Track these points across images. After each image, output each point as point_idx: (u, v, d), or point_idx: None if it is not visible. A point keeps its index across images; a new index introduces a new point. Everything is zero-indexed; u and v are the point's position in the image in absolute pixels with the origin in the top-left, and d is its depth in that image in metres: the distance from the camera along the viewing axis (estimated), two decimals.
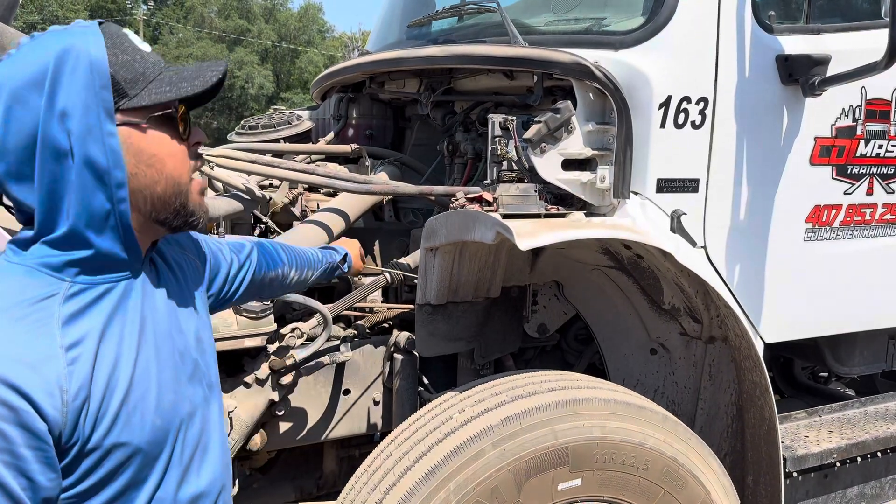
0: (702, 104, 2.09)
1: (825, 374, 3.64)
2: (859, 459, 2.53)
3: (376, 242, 2.79)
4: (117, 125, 1.03)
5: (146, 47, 1.10)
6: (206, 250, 1.44)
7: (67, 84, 0.99)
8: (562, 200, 2.09)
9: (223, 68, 1.13)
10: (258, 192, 2.43)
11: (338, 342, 2.31)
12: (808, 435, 2.52)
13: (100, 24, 1.06)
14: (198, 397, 1.19)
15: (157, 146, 1.08)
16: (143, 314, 1.10)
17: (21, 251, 1.03)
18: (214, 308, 1.51)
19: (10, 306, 0.96)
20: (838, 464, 2.48)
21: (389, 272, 2.38)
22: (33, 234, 1.03)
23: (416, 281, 2.26)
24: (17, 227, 1.10)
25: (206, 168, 2.36)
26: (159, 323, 1.13)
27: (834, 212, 2.38)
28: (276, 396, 2.21)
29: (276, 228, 2.57)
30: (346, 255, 2.04)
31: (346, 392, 2.39)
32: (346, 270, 2.06)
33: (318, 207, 2.68)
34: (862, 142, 2.38)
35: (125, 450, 1.02)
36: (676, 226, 2.08)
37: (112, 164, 1.02)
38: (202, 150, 1.20)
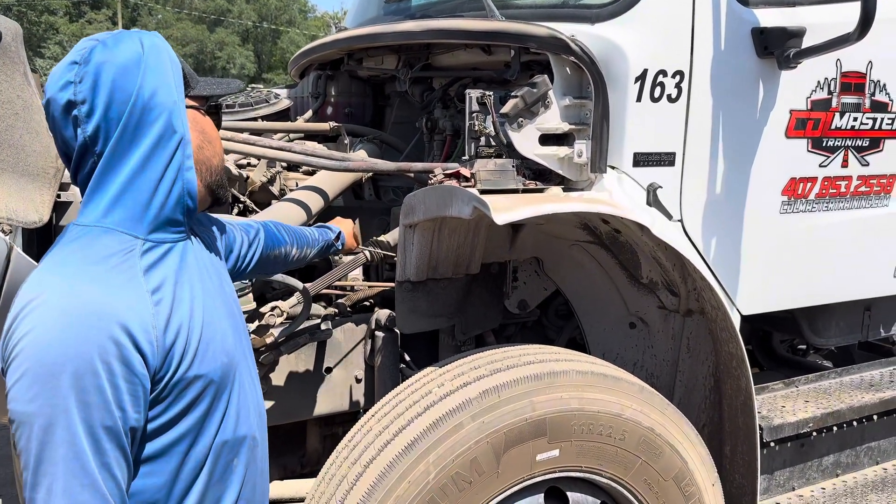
0: (678, 77, 2.10)
1: (804, 347, 3.69)
2: (835, 428, 2.57)
3: (356, 221, 2.78)
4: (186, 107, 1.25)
5: None
6: (223, 229, 1.62)
7: (156, 68, 1.20)
8: (540, 176, 2.09)
9: (240, 84, 1.46)
10: (235, 171, 2.42)
11: (318, 320, 2.31)
12: (785, 405, 2.56)
13: None
14: (242, 350, 1.35)
15: (211, 129, 1.35)
16: (199, 269, 1.28)
17: (92, 215, 1.17)
18: None
19: (101, 259, 1.12)
20: (814, 433, 2.52)
21: (369, 250, 2.37)
22: (109, 199, 1.16)
23: (396, 258, 2.26)
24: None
25: None
26: (211, 281, 1.31)
27: (809, 184, 2.40)
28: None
29: (255, 207, 2.56)
30: (339, 233, 2.18)
31: (328, 370, 2.39)
32: (339, 248, 2.19)
33: (297, 186, 2.67)
34: (837, 114, 2.40)
35: (203, 381, 1.18)
36: (652, 199, 2.09)
37: (187, 136, 1.22)
38: None
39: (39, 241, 2.10)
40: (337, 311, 2.43)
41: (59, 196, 2.19)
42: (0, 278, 1.58)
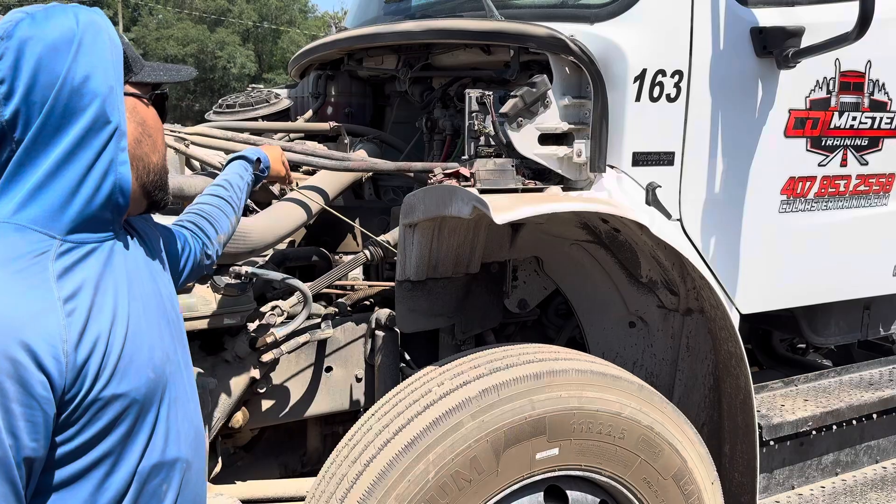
0: (676, 77, 2.10)
1: (804, 346, 3.70)
2: (834, 427, 2.58)
3: (357, 221, 2.79)
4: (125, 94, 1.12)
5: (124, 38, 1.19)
6: (164, 230, 1.48)
7: (92, 49, 1.07)
8: (539, 175, 2.10)
9: (195, 72, 1.31)
10: None
11: (319, 320, 2.32)
12: (784, 404, 2.56)
13: None
14: (178, 359, 1.23)
15: (153, 120, 1.21)
16: (128, 273, 1.14)
17: (4, 210, 1.03)
18: None
19: (6, 261, 0.98)
20: (814, 432, 2.53)
21: (370, 249, 2.38)
22: (26, 192, 1.03)
23: (396, 258, 2.27)
24: None
25: (182, 146, 2.35)
26: (144, 283, 1.18)
27: (808, 183, 2.41)
28: (257, 374, 2.22)
29: (255, 206, 2.56)
30: (258, 158, 1.97)
31: (329, 369, 2.40)
32: (264, 175, 2.00)
33: (297, 185, 2.67)
34: (836, 114, 2.40)
35: (123, 401, 1.05)
36: (651, 198, 2.10)
37: (122, 127, 1.09)
38: (178, 129, 1.26)
39: None
40: (337, 310, 2.44)
41: None
42: None
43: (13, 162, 1.03)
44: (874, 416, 2.67)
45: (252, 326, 2.21)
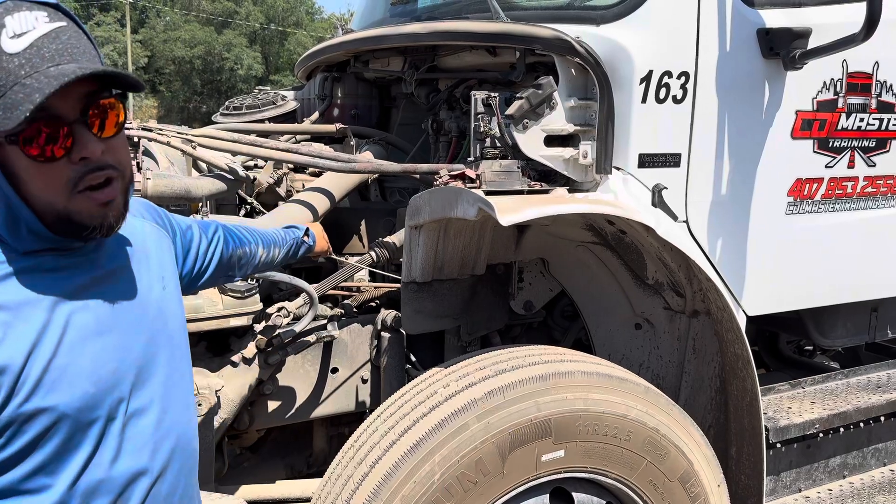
0: (683, 78, 2.10)
1: (810, 348, 3.68)
2: (841, 430, 2.57)
3: (362, 222, 2.79)
4: None
5: (20, 42, 0.99)
6: (177, 227, 1.44)
7: None
8: (545, 177, 2.09)
9: (70, 78, 0.97)
10: (242, 173, 2.43)
11: (325, 321, 2.32)
12: (791, 406, 2.55)
13: None
14: (153, 371, 1.17)
15: (17, 167, 1.01)
16: (85, 283, 1.09)
17: None
18: (188, 287, 1.51)
19: None
20: (821, 434, 2.52)
21: (375, 251, 2.38)
22: None
23: (402, 259, 2.27)
24: None
25: (188, 148, 2.36)
26: (109, 293, 1.12)
27: (815, 185, 2.40)
28: (263, 375, 2.22)
29: (261, 209, 2.57)
30: (307, 229, 2.03)
31: (334, 370, 2.40)
32: (311, 244, 2.05)
33: (304, 187, 2.68)
34: (843, 115, 2.39)
35: (50, 415, 1.01)
36: (658, 200, 2.09)
37: None
38: (185, 130, 1.17)
39: None
40: (343, 311, 2.44)
41: None
42: None
43: None
44: (882, 418, 2.66)
45: (258, 327, 2.22)
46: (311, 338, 2.28)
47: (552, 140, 2.05)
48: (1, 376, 0.96)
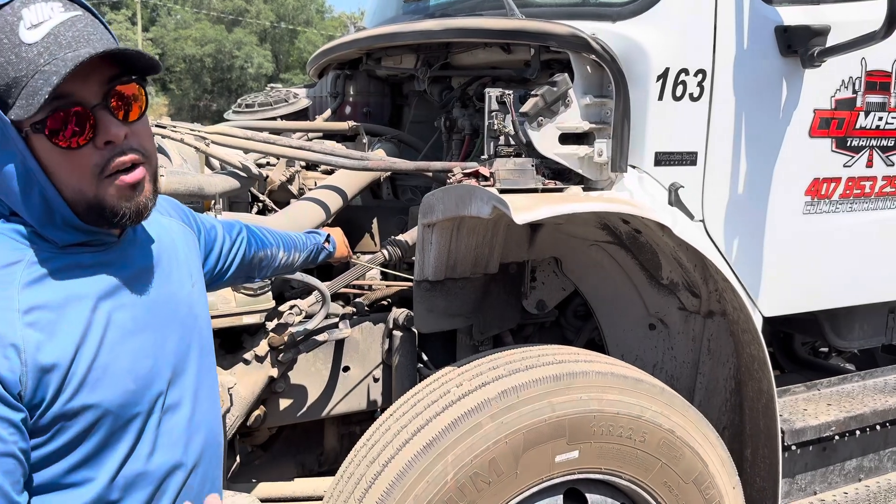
0: (700, 76, 2.08)
1: (825, 350, 3.65)
2: (858, 432, 2.54)
3: (374, 220, 2.79)
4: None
5: (37, 33, 1.00)
6: (201, 226, 1.47)
7: None
8: (559, 175, 2.08)
9: (82, 58, 0.98)
10: (255, 170, 2.43)
11: (336, 319, 2.32)
12: (807, 408, 2.52)
13: None
14: (185, 367, 1.20)
15: (46, 157, 1.03)
16: (121, 280, 1.11)
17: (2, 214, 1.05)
18: (208, 286, 1.52)
19: None
20: (837, 437, 2.49)
21: (387, 249, 2.37)
22: (9, 206, 1.05)
23: (414, 258, 2.26)
24: None
25: (202, 146, 2.35)
26: (143, 289, 1.14)
27: (833, 184, 2.37)
28: (275, 373, 2.22)
29: (274, 206, 2.56)
30: (328, 235, 2.07)
31: (346, 369, 2.40)
32: (331, 251, 2.09)
33: (316, 185, 2.67)
34: (862, 114, 2.36)
35: (94, 412, 1.03)
36: (674, 199, 2.07)
37: (32, 167, 1.02)
38: (198, 128, 1.18)
39: None
40: (355, 310, 2.43)
41: None
42: None
43: None
44: None
45: (271, 325, 2.21)
46: (323, 336, 2.27)
47: (567, 138, 2.03)
48: (49, 374, 0.98)
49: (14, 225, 1.05)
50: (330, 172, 2.78)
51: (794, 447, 2.38)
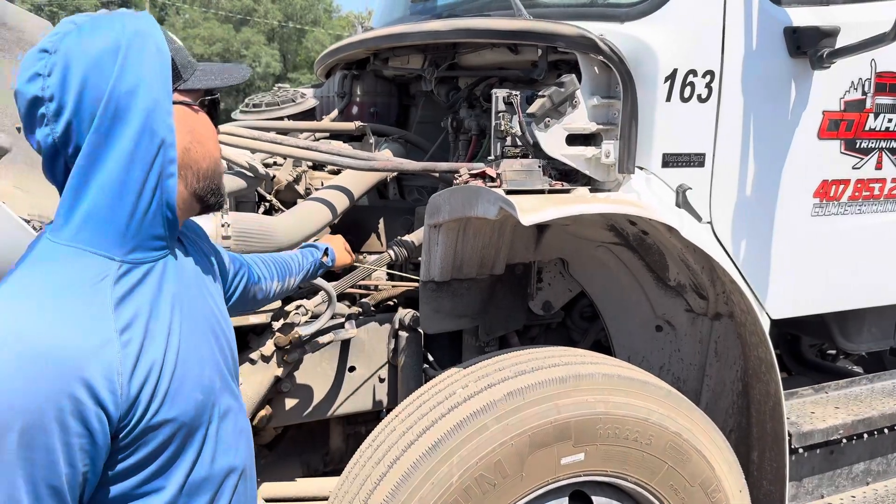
0: (708, 77, 2.07)
1: (833, 352, 3.63)
2: (866, 436, 2.52)
3: (381, 220, 2.78)
4: (173, 103, 1.10)
5: (179, 41, 1.19)
6: (215, 249, 1.50)
7: (137, 61, 1.04)
8: (566, 176, 2.07)
9: (248, 71, 1.28)
10: (262, 170, 2.43)
11: (342, 320, 2.32)
12: (815, 411, 2.51)
13: None
14: (227, 374, 1.24)
15: (203, 126, 1.17)
16: (179, 292, 1.14)
17: (64, 231, 1.04)
18: None
19: (67, 288, 0.98)
20: (844, 440, 2.47)
21: (394, 250, 2.37)
22: (84, 212, 1.03)
23: (420, 258, 2.26)
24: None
25: None
26: (193, 301, 1.18)
27: (842, 187, 2.36)
28: (281, 373, 2.22)
29: (280, 206, 2.57)
30: (326, 248, 2.07)
31: (352, 369, 2.40)
32: (330, 265, 2.09)
33: (322, 185, 2.67)
34: (871, 115, 2.35)
35: (173, 425, 1.06)
36: (682, 201, 2.06)
37: (169, 139, 1.07)
38: None
39: None
40: (361, 310, 2.43)
41: None
42: None
43: (69, 180, 1.03)
44: None
45: (277, 325, 2.21)
46: (329, 336, 2.28)
47: (574, 139, 2.03)
48: (140, 394, 1.00)
49: (88, 237, 1.04)
50: (337, 172, 2.78)
51: (801, 450, 2.37)
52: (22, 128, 1.05)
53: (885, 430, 2.56)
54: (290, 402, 2.33)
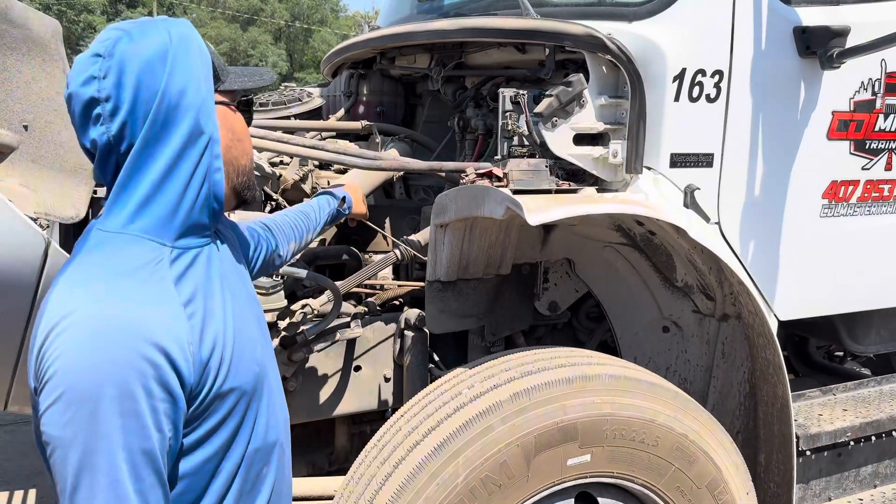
0: (717, 77, 2.06)
1: (840, 354, 3.61)
2: (874, 438, 2.50)
3: (387, 220, 2.78)
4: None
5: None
6: (239, 230, 1.57)
7: (184, 63, 1.12)
8: (573, 176, 2.06)
9: (272, 76, 1.35)
10: (268, 169, 2.43)
11: (348, 319, 2.31)
12: (822, 413, 2.49)
13: None
14: (267, 352, 1.30)
15: (240, 125, 1.26)
16: (224, 274, 1.22)
17: (117, 221, 1.10)
18: None
19: (132, 271, 1.06)
20: (852, 442, 2.46)
21: (400, 249, 2.37)
22: (136, 203, 1.10)
23: (426, 258, 2.25)
24: None
25: None
26: (235, 282, 1.26)
27: (851, 187, 2.34)
28: (286, 372, 2.21)
29: (286, 205, 2.56)
30: (344, 197, 2.11)
31: (357, 369, 2.39)
32: (346, 213, 2.12)
33: (329, 184, 2.67)
34: (881, 116, 2.33)
35: (237, 393, 1.14)
36: (690, 201, 2.05)
37: (216, 136, 1.15)
38: None
39: (76, 236, 2.13)
40: (367, 309, 2.43)
41: (95, 192, 2.21)
42: (38, 273, 1.60)
43: (121, 175, 1.09)
44: None
45: (282, 324, 2.21)
46: (335, 335, 2.27)
47: (581, 139, 2.02)
48: (209, 364, 1.08)
49: (141, 225, 1.10)
50: (343, 172, 2.78)
51: (808, 452, 2.36)
52: (76, 130, 1.12)
53: (893, 433, 2.55)
54: (295, 401, 2.32)
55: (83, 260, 1.09)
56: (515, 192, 1.85)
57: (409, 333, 2.35)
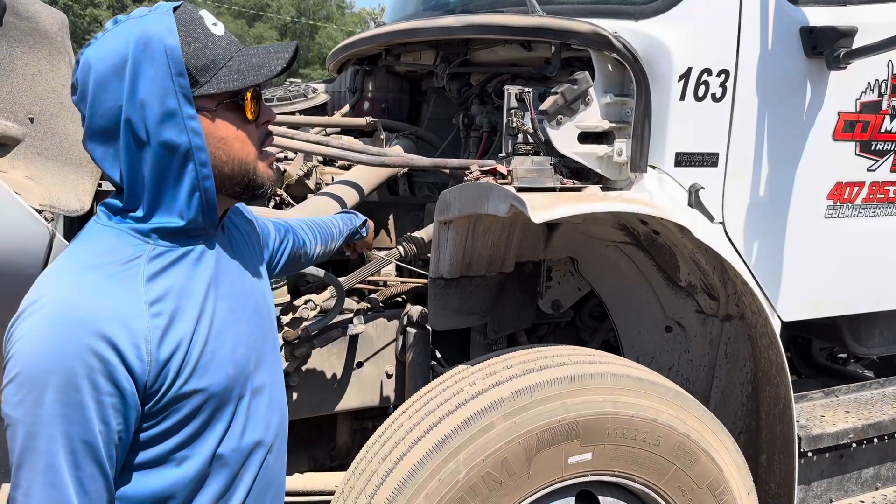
0: (723, 76, 2.05)
1: (844, 356, 3.60)
2: (876, 440, 2.50)
3: (391, 216, 2.78)
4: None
5: (219, 30, 1.16)
6: (260, 223, 1.56)
7: (146, 72, 1.06)
8: (578, 174, 2.06)
9: (289, 54, 1.20)
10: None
11: (351, 315, 2.31)
12: (825, 415, 2.49)
13: (175, 8, 1.13)
14: (265, 352, 1.29)
15: (224, 130, 1.15)
16: (218, 273, 1.20)
17: (112, 216, 1.13)
18: None
19: (103, 264, 1.06)
20: (854, 444, 2.45)
21: (403, 246, 2.37)
22: (122, 206, 1.13)
23: (429, 255, 2.25)
24: None
25: None
26: (234, 281, 1.24)
27: (856, 189, 2.34)
28: (289, 367, 2.22)
29: (291, 201, 2.56)
30: (365, 220, 2.11)
31: (359, 365, 2.39)
32: (364, 235, 2.12)
33: (333, 180, 2.67)
34: (887, 117, 2.33)
35: (202, 395, 1.12)
36: (694, 201, 2.05)
37: (196, 145, 1.10)
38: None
39: (80, 228, 2.14)
40: (369, 306, 2.43)
41: (100, 185, 2.21)
42: (42, 264, 1.60)
43: (116, 173, 1.12)
44: None
45: (285, 320, 2.21)
46: (338, 331, 2.27)
47: (586, 137, 2.02)
48: (169, 363, 1.07)
49: (129, 223, 1.12)
50: (347, 168, 2.78)
51: (810, 454, 2.35)
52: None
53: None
54: (297, 397, 2.33)
55: (70, 249, 1.12)
56: (519, 189, 1.85)
57: (411, 330, 2.35)
